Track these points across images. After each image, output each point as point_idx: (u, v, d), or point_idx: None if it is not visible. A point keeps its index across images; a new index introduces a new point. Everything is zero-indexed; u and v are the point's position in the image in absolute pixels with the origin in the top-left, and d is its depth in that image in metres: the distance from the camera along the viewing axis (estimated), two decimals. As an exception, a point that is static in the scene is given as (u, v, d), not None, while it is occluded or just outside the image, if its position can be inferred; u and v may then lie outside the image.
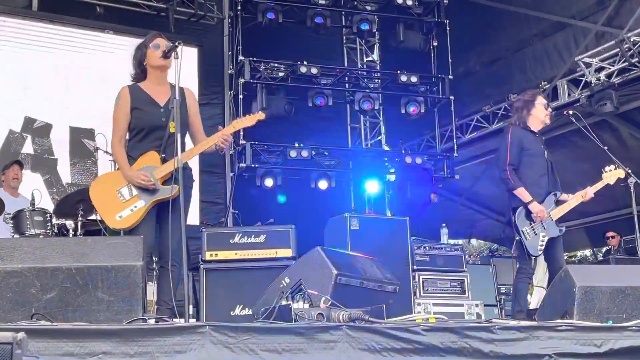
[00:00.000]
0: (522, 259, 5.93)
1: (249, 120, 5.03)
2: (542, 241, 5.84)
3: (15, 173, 7.68)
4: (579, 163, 9.95)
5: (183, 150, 4.63)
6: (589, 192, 6.09)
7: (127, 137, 4.88)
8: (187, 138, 5.00)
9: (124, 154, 4.78)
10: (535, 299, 9.54)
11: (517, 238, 5.88)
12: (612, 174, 6.19)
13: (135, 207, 4.67)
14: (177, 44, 4.48)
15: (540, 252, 5.85)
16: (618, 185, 6.32)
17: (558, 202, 6.02)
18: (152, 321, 3.72)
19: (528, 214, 5.86)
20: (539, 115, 6.10)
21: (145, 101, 4.81)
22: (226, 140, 4.80)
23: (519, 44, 10.41)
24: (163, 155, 4.73)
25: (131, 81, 4.94)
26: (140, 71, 4.90)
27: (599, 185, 6.17)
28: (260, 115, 5.07)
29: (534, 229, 5.85)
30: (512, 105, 6.59)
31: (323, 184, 9.32)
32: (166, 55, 4.68)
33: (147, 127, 4.77)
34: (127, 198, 4.69)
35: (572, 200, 6.05)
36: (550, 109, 6.20)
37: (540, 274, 8.75)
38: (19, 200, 7.33)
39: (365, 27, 9.98)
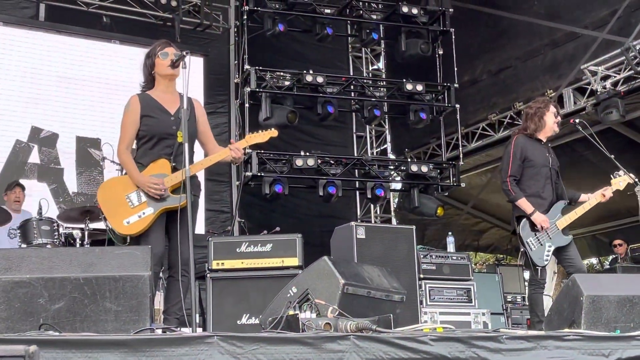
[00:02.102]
0: (530, 270, 5.93)
1: (261, 137, 5.07)
2: (548, 251, 5.85)
3: (17, 195, 7.74)
4: (580, 172, 9.93)
5: (192, 160, 4.64)
6: (593, 197, 6.06)
7: (135, 145, 4.89)
8: (197, 147, 5.01)
9: (132, 160, 4.79)
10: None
11: (522, 249, 5.88)
12: (621, 180, 6.15)
13: (143, 213, 4.67)
14: (185, 53, 4.50)
15: (546, 262, 5.84)
16: (627, 192, 6.29)
17: (565, 210, 6.00)
18: (159, 331, 3.72)
19: (532, 225, 5.85)
20: (549, 124, 6.08)
21: (155, 109, 4.83)
22: (239, 151, 4.84)
23: (529, 53, 10.38)
24: (174, 164, 4.75)
25: (141, 90, 4.96)
26: (150, 79, 4.93)
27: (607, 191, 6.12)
28: (274, 133, 5.13)
29: (539, 239, 5.84)
30: (523, 111, 6.56)
31: (329, 193, 9.30)
32: (174, 64, 4.72)
33: (157, 135, 4.79)
34: (136, 204, 4.69)
35: (586, 205, 6.02)
36: (559, 118, 6.19)
37: (547, 283, 8.73)
38: (20, 216, 7.39)
39: (375, 36, 10.00)
